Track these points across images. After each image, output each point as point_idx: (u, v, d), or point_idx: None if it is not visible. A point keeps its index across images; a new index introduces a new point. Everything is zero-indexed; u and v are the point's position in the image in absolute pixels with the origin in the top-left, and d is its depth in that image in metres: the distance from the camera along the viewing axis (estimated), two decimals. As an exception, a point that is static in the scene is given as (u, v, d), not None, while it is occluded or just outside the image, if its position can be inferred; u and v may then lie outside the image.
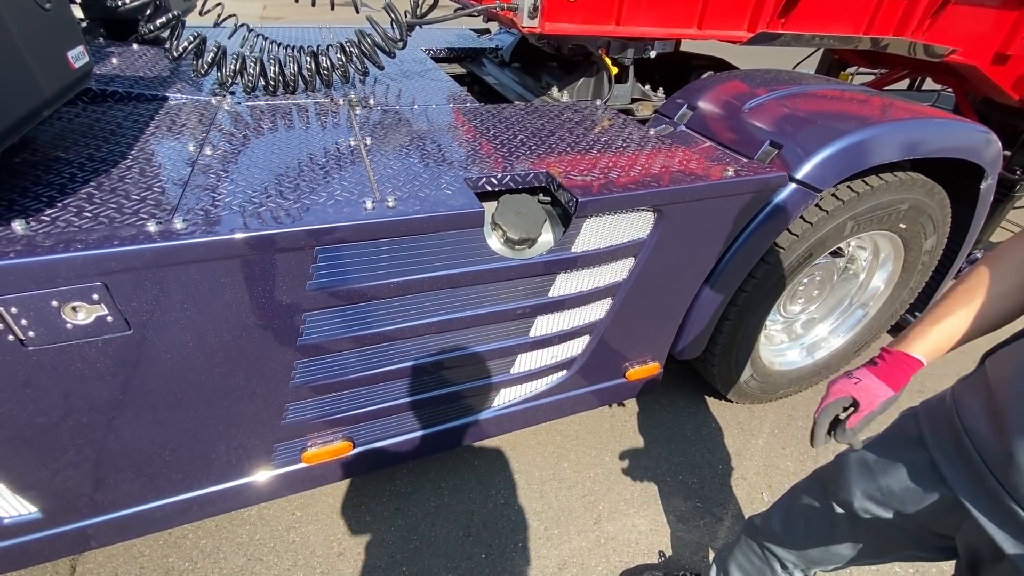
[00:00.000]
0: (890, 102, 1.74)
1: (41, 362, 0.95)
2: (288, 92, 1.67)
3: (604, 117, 1.74)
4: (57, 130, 1.31)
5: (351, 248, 1.06)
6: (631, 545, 1.67)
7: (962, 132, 1.69)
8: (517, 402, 1.60)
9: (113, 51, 1.87)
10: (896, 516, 0.87)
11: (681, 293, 1.61)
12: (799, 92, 1.73)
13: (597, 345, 1.58)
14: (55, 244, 0.87)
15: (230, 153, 1.25)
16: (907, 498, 0.84)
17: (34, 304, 0.88)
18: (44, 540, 1.21)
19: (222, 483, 1.33)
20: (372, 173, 1.21)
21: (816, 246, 1.65)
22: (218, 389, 1.15)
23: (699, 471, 1.92)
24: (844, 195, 1.58)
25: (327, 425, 1.36)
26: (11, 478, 1.09)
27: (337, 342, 1.20)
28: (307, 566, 1.54)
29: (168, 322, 1.00)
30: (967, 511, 0.74)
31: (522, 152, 1.40)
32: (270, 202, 1.05)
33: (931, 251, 1.98)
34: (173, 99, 1.56)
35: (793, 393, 2.23)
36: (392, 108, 1.65)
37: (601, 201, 1.23)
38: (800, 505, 1.07)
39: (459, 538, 1.64)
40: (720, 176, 1.38)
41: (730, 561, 1.30)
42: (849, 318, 2.17)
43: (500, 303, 1.33)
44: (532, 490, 1.80)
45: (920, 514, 0.83)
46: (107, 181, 1.09)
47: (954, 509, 0.77)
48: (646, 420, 2.10)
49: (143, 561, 1.52)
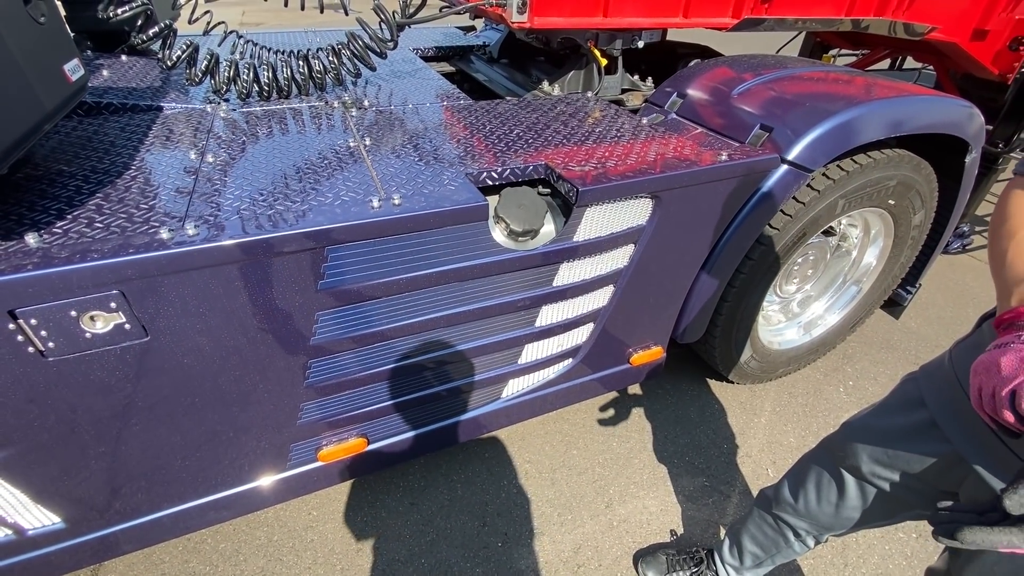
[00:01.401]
0: (875, 81, 1.78)
1: (61, 372, 0.96)
2: (282, 97, 1.68)
3: (596, 108, 1.77)
4: (55, 144, 1.31)
5: (361, 247, 1.08)
6: (643, 526, 1.71)
7: (946, 108, 1.73)
8: (526, 392, 1.63)
9: (103, 63, 1.87)
10: (903, 477, 0.91)
11: (680, 277, 1.64)
12: (786, 75, 1.77)
13: (601, 332, 1.61)
14: (71, 255, 0.88)
15: (232, 159, 1.27)
16: (912, 458, 0.88)
17: (53, 315, 0.89)
18: (68, 550, 1.22)
19: (241, 485, 1.35)
20: (375, 173, 1.23)
21: (809, 225, 1.69)
22: (235, 392, 1.17)
23: (705, 451, 1.96)
24: (834, 174, 1.62)
25: (342, 423, 1.38)
26: (35, 489, 1.10)
27: (349, 340, 1.22)
28: (327, 563, 1.57)
29: (185, 327, 1.02)
30: (969, 466, 0.78)
31: (519, 146, 1.42)
32: (278, 205, 1.07)
33: (920, 225, 2.03)
34: (168, 108, 1.56)
35: (792, 371, 2.27)
36: (387, 109, 1.67)
37: (600, 190, 1.26)
38: (810, 474, 1.11)
39: (475, 528, 1.67)
40: (714, 161, 1.41)
41: (743, 534, 1.34)
42: (844, 295, 2.22)
43: (506, 295, 1.35)
44: (543, 478, 1.83)
45: (925, 473, 0.87)
46: (113, 192, 1.10)
47: (956, 465, 0.81)
48: (651, 404, 2.14)
49: (164, 568, 1.53)
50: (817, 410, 2.16)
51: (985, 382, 0.60)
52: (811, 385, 2.28)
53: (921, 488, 0.91)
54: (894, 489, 0.94)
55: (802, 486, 1.12)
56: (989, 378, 0.60)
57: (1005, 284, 0.71)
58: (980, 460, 0.76)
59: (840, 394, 2.24)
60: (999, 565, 0.75)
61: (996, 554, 0.75)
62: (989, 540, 0.59)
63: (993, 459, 0.75)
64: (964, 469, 0.80)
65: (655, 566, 1.54)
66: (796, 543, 1.21)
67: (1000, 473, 0.74)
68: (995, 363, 0.59)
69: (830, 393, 2.24)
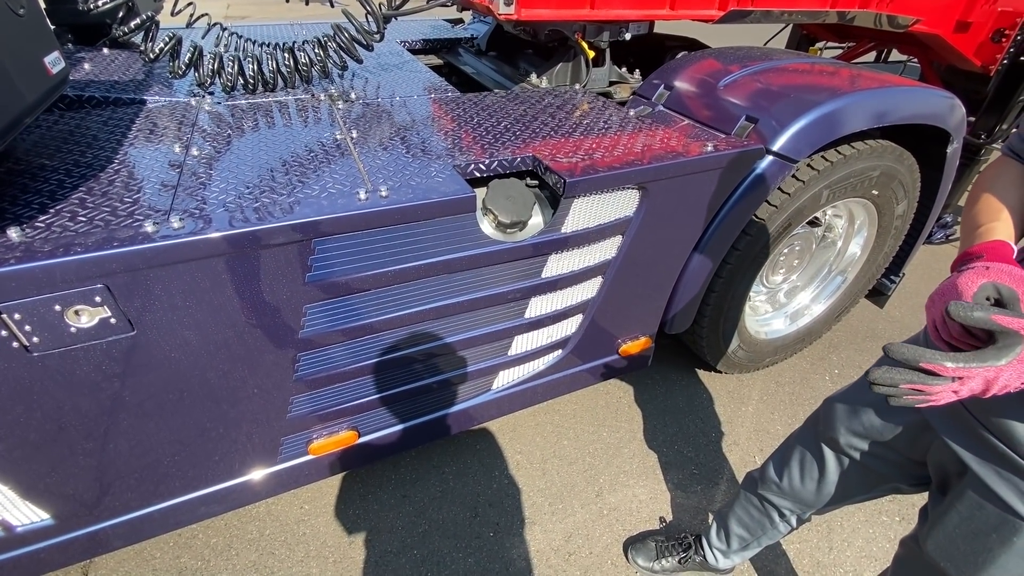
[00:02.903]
0: (859, 73, 1.80)
1: (47, 367, 0.96)
2: (268, 90, 1.67)
3: (584, 101, 1.77)
4: (37, 138, 1.30)
5: (348, 239, 1.08)
6: (633, 514, 1.73)
7: (928, 99, 1.75)
8: (516, 383, 1.64)
9: (84, 56, 1.84)
10: (876, 447, 0.97)
11: (668, 268, 1.66)
12: (771, 67, 1.78)
13: (590, 323, 1.63)
14: (54, 248, 0.88)
15: (217, 153, 1.26)
16: (885, 428, 0.93)
17: (37, 309, 0.89)
18: (57, 546, 1.22)
19: (231, 479, 1.35)
20: (362, 165, 1.23)
21: (794, 216, 1.71)
22: (224, 385, 1.17)
23: (693, 440, 1.99)
24: (819, 165, 1.64)
25: (332, 416, 1.38)
26: (23, 485, 1.09)
27: (338, 333, 1.22)
28: (319, 556, 1.57)
29: (172, 321, 1.02)
30: (935, 433, 0.83)
31: (507, 138, 1.42)
32: (264, 198, 1.06)
33: (903, 215, 2.06)
34: (152, 102, 1.55)
35: (779, 360, 2.30)
36: (374, 101, 1.66)
37: (588, 181, 1.26)
38: (794, 453, 1.15)
39: (467, 519, 1.69)
40: (700, 152, 1.42)
41: (730, 516, 1.36)
42: (829, 285, 2.25)
43: (495, 286, 1.36)
44: (534, 469, 1.85)
45: (896, 441, 0.92)
46: (97, 186, 1.09)
47: (924, 432, 0.87)
48: (640, 395, 2.17)
49: (155, 563, 1.53)
50: (803, 398, 2.19)
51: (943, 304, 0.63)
52: (797, 374, 2.31)
53: (894, 458, 0.95)
54: (869, 460, 0.99)
55: (786, 465, 1.16)
56: (946, 299, 0.63)
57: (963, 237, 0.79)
58: (945, 428, 0.81)
59: (826, 382, 2.28)
60: (959, 528, 0.80)
61: (957, 517, 0.80)
62: (892, 377, 0.63)
63: (957, 426, 0.79)
64: (931, 436, 0.85)
65: (644, 552, 1.56)
66: (781, 523, 1.24)
67: (963, 440, 0.78)
68: (952, 284, 0.63)
69: (816, 381, 2.28)
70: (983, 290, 0.60)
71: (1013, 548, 0.74)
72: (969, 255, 0.71)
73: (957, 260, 0.73)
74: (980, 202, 0.80)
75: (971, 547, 0.78)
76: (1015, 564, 0.74)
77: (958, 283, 0.62)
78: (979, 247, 0.71)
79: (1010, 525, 0.73)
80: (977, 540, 0.77)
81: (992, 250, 0.69)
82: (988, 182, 0.83)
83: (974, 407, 0.75)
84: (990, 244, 0.71)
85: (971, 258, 0.69)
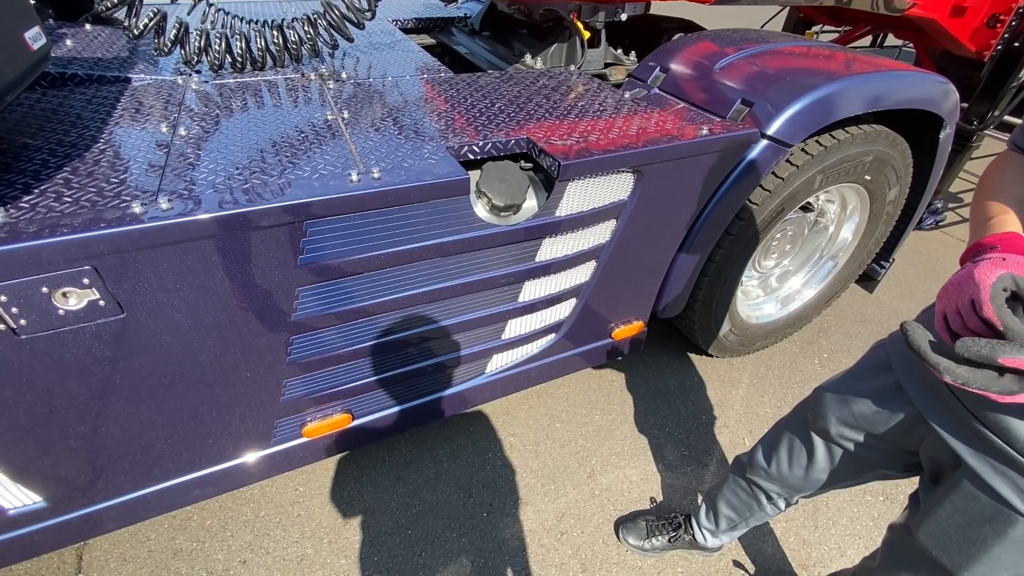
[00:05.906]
0: (854, 57, 1.79)
1: (35, 350, 0.95)
2: (256, 68, 1.63)
3: (579, 83, 1.75)
4: (19, 116, 1.26)
5: (340, 221, 1.06)
6: (624, 495, 1.76)
7: (922, 84, 1.75)
8: (510, 367, 1.65)
9: (66, 32, 1.79)
10: (868, 437, 0.96)
11: (662, 252, 1.66)
12: (767, 50, 1.77)
13: (584, 307, 1.63)
14: (39, 229, 0.86)
15: (205, 133, 1.23)
16: (877, 419, 0.92)
17: (23, 291, 0.87)
18: (50, 529, 1.22)
19: (226, 462, 1.35)
20: (354, 146, 1.21)
21: (787, 200, 1.72)
22: (216, 368, 1.16)
23: (684, 422, 2.02)
24: (813, 149, 1.64)
25: (326, 399, 1.38)
26: (14, 468, 1.09)
27: (331, 316, 1.22)
28: (314, 537, 1.59)
29: (161, 304, 1.00)
30: (929, 426, 0.82)
31: (501, 120, 1.41)
32: (254, 179, 1.05)
33: (895, 201, 2.07)
34: (137, 80, 1.51)
35: (769, 345, 2.33)
36: (365, 81, 1.63)
37: (582, 164, 1.26)
38: (782, 439, 1.16)
39: (461, 500, 1.71)
40: (695, 135, 1.42)
41: (718, 499, 1.39)
42: (820, 270, 2.27)
43: (488, 270, 1.36)
44: (527, 450, 1.87)
45: (888, 433, 0.92)
46: (82, 166, 1.07)
47: (918, 424, 0.86)
48: (632, 378, 2.19)
49: (150, 545, 1.54)
50: (793, 382, 2.23)
51: (959, 295, 0.62)
52: (787, 358, 2.34)
53: (885, 448, 0.95)
54: (860, 450, 0.99)
55: (775, 451, 1.17)
56: (962, 291, 0.62)
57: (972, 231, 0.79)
58: (940, 421, 0.81)
59: (815, 366, 2.31)
60: (953, 518, 0.80)
61: (951, 507, 0.80)
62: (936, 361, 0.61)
63: (952, 420, 0.79)
64: (924, 429, 0.84)
65: (635, 532, 1.59)
66: (768, 506, 1.26)
67: (957, 433, 0.78)
68: (968, 275, 0.62)
69: (805, 365, 2.31)
70: (1001, 281, 0.59)
71: (1007, 539, 0.74)
72: (982, 246, 0.69)
73: (968, 251, 0.72)
74: (989, 194, 0.80)
75: (964, 537, 0.79)
76: (1008, 554, 0.75)
77: (975, 274, 0.61)
78: (992, 238, 0.70)
79: (1005, 517, 0.74)
80: (971, 530, 0.78)
81: (1007, 241, 0.68)
82: (995, 176, 0.83)
83: (968, 400, 0.75)
84: (1004, 236, 0.69)
85: (984, 249, 0.68)
